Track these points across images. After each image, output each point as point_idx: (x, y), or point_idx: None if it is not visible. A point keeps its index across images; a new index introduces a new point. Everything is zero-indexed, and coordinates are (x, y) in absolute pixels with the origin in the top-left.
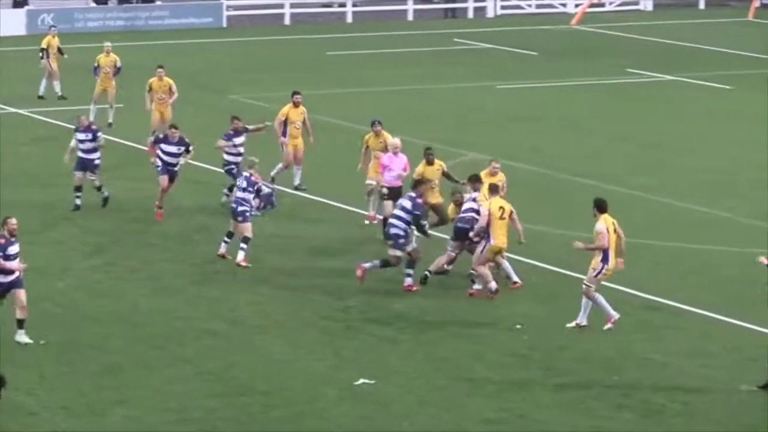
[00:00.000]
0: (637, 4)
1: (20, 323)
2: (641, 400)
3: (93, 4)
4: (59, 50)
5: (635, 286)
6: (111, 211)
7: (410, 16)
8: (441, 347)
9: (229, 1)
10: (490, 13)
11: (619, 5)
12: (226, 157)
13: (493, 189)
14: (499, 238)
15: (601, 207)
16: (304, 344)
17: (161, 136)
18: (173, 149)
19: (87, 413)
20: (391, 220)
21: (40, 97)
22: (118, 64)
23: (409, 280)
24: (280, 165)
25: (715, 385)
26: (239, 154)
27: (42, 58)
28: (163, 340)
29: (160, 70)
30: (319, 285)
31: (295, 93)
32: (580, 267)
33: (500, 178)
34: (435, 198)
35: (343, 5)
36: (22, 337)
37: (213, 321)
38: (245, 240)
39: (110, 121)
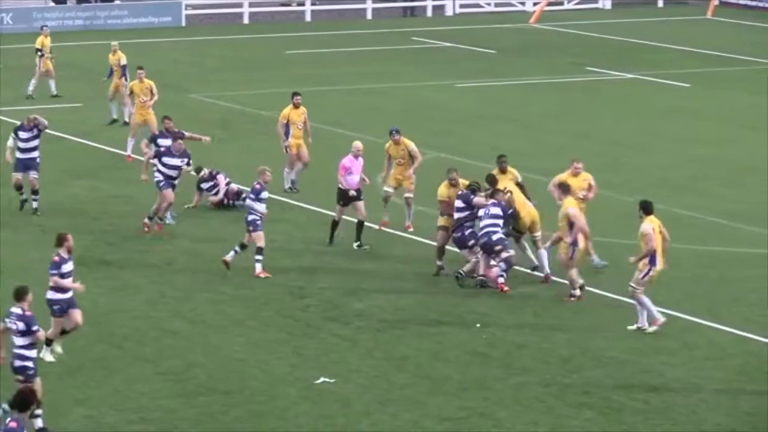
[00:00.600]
0: (596, 2)
1: (63, 332)
2: (601, 398)
3: (52, 4)
4: (50, 51)
5: (594, 284)
6: (70, 210)
7: (369, 15)
8: (401, 346)
9: (188, 0)
10: (448, 12)
11: (578, 3)
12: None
13: (566, 189)
14: (583, 239)
15: (646, 209)
16: (264, 343)
17: (163, 149)
18: (176, 162)
19: (48, 412)
20: (490, 229)
21: (29, 97)
22: (123, 61)
23: (501, 280)
24: (286, 170)
25: (675, 383)
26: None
27: (41, 57)
28: (122, 340)
29: (140, 71)
30: (279, 284)
31: (295, 94)
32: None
33: (585, 178)
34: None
35: (301, 4)
36: (48, 353)
37: (173, 320)
38: (259, 251)
39: (126, 119)
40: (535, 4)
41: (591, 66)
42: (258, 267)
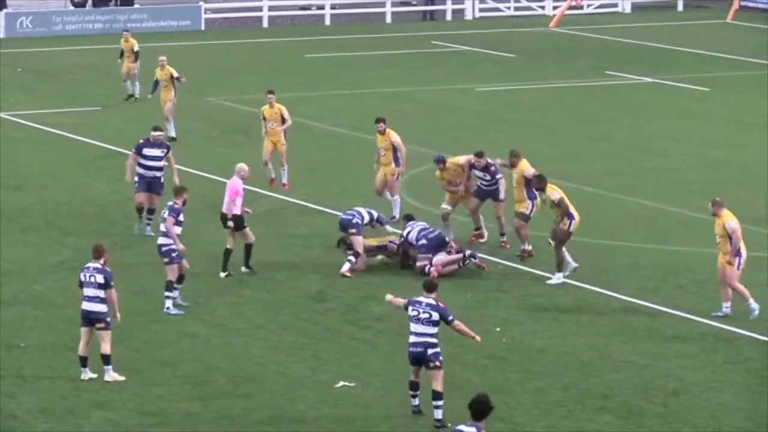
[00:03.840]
0: (615, 6)
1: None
2: (620, 402)
3: (71, 7)
4: (135, 54)
5: (613, 287)
6: (89, 213)
7: (388, 19)
8: None
9: (207, 4)
10: (468, 16)
11: (598, 7)
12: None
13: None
14: None
15: None
16: (283, 347)
17: (141, 141)
18: (156, 152)
19: (67, 416)
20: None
21: (136, 99)
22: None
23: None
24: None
25: (694, 386)
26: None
27: (120, 60)
28: (141, 343)
29: (270, 96)
30: (298, 288)
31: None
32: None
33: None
34: None
35: (321, 8)
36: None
37: (192, 323)
38: (354, 254)
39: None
40: (554, 8)
41: (610, 70)
42: (346, 266)
